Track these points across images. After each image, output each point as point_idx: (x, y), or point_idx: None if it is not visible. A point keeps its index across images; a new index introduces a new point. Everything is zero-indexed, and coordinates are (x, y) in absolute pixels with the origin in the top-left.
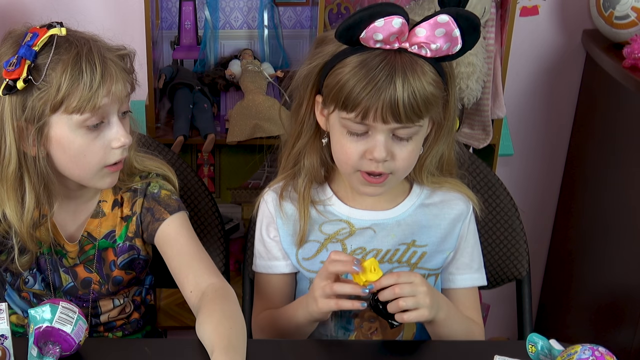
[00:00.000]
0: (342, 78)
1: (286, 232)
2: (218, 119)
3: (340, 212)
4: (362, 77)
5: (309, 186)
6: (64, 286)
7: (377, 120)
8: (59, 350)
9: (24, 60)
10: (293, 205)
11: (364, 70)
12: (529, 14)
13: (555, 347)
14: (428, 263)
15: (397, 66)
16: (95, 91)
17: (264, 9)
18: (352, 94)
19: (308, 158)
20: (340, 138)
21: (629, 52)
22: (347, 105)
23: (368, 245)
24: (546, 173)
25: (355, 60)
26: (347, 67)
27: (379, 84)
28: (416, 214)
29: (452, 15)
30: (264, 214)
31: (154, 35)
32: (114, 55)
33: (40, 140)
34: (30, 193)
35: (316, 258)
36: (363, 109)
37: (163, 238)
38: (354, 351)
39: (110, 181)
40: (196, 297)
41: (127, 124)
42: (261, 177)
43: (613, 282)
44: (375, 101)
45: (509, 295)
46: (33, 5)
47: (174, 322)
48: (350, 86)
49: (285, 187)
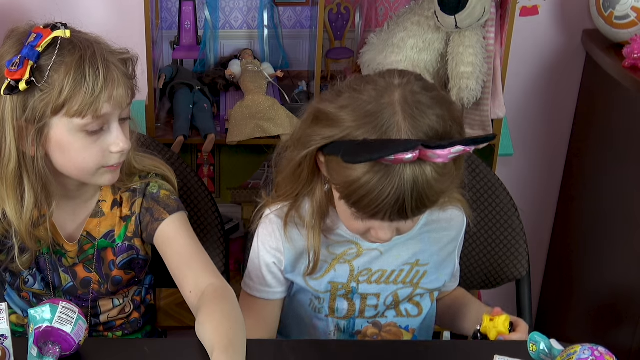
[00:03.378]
0: (355, 183)
1: (292, 257)
2: (218, 119)
3: (347, 233)
4: (370, 191)
5: (318, 221)
6: (64, 286)
7: (384, 221)
8: (58, 350)
9: (27, 61)
10: (298, 230)
11: (375, 184)
12: (529, 14)
13: (555, 347)
14: (427, 282)
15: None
16: (98, 96)
17: (264, 9)
18: (360, 204)
19: (310, 200)
20: (346, 213)
21: (628, 52)
22: (355, 206)
23: (374, 266)
24: (546, 173)
25: (367, 170)
26: (361, 176)
27: (387, 203)
28: (421, 232)
29: (468, 144)
30: (266, 237)
31: (154, 35)
32: (116, 59)
33: (39, 141)
34: (29, 192)
35: (324, 278)
36: (372, 215)
37: (162, 238)
38: (354, 351)
39: (110, 178)
40: (195, 297)
41: (126, 129)
42: (261, 177)
43: (613, 282)
44: (384, 214)
45: (509, 295)
46: (33, 5)
47: (174, 322)
48: (360, 193)
49: (289, 214)
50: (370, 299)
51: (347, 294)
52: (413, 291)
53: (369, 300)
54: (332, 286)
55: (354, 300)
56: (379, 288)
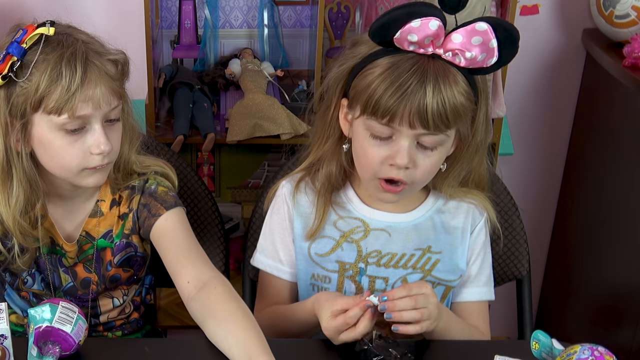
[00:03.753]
0: (372, 80)
1: (299, 225)
2: (218, 118)
3: (356, 209)
4: (393, 80)
5: (329, 192)
6: (64, 286)
7: (403, 125)
8: (58, 350)
9: (9, 56)
10: (308, 199)
11: (395, 73)
12: (529, 13)
13: (555, 346)
14: (440, 272)
15: (429, 72)
16: (73, 94)
17: (264, 8)
18: (381, 96)
19: (327, 166)
20: (363, 142)
21: (629, 51)
22: (375, 107)
23: (383, 248)
24: (546, 172)
25: (386, 62)
26: (378, 69)
27: (410, 88)
28: (433, 218)
29: (491, 24)
30: (279, 204)
31: (154, 34)
32: (103, 59)
33: (24, 137)
34: (18, 187)
35: (331, 256)
36: (391, 112)
37: (159, 233)
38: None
39: (94, 180)
40: (195, 287)
41: (115, 131)
42: (261, 176)
43: (613, 281)
44: (404, 105)
45: (509, 294)
46: (33, 5)
47: (174, 322)
48: (379, 89)
49: (302, 179)
50: (379, 283)
51: (355, 275)
52: (423, 277)
53: (377, 284)
54: (339, 266)
55: (361, 282)
56: (388, 272)
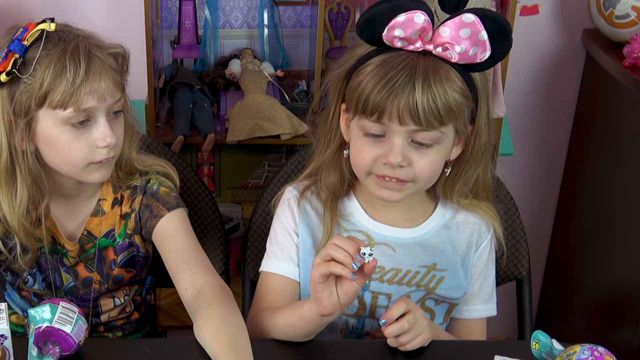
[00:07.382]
0: (362, 78)
1: (305, 233)
2: (218, 119)
3: (361, 222)
4: (382, 76)
5: (335, 201)
6: (65, 286)
7: (393, 121)
8: (58, 350)
9: (11, 54)
10: (314, 209)
11: (384, 69)
12: (529, 13)
13: (555, 346)
14: (444, 289)
15: (419, 67)
16: (78, 87)
17: (264, 8)
18: (370, 93)
19: (329, 175)
20: (357, 141)
21: (629, 51)
22: (365, 104)
23: (387, 264)
24: (546, 173)
25: (377, 60)
26: (369, 67)
27: (397, 83)
28: (439, 235)
29: (478, 15)
30: (284, 210)
31: (154, 34)
32: (104, 53)
33: (28, 135)
34: (22, 187)
35: None
36: (379, 108)
37: (161, 235)
38: (354, 351)
39: (99, 176)
40: (191, 294)
41: (118, 124)
42: (261, 176)
43: (613, 282)
44: (391, 100)
45: (509, 295)
46: (33, 5)
47: (174, 322)
48: (369, 85)
49: (307, 188)
50: (382, 299)
51: None
52: (427, 295)
53: (380, 300)
54: None
55: (364, 297)
56: (391, 288)
